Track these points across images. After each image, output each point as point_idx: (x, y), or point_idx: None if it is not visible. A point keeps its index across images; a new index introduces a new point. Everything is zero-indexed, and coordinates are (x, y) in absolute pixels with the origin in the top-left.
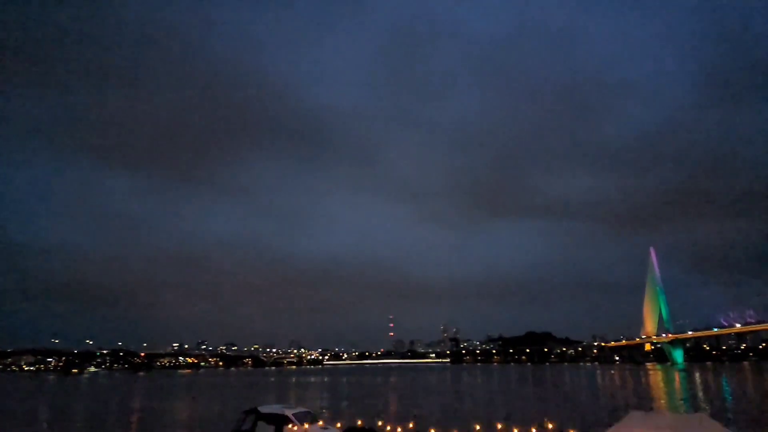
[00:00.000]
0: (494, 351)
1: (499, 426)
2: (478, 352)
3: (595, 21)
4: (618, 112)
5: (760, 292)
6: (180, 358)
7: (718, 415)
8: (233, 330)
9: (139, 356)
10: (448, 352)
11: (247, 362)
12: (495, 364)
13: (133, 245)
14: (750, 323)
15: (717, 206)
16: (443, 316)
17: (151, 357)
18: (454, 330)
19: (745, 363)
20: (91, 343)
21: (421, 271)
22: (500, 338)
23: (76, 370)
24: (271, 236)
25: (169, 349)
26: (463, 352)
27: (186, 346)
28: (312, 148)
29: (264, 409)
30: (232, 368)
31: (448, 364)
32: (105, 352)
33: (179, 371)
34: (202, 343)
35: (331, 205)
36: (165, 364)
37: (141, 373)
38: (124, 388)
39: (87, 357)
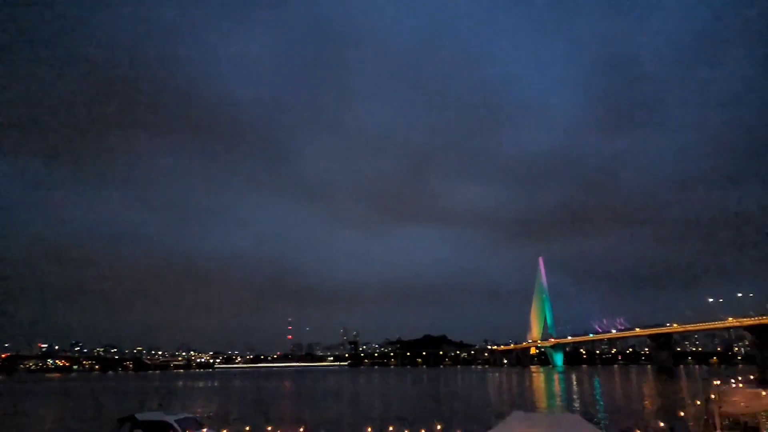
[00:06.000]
0: (392, 354)
1: (391, 428)
2: (376, 355)
3: (502, 42)
4: (517, 130)
5: (632, 302)
6: (49, 360)
7: (589, 414)
8: (113, 331)
9: None
10: (347, 355)
11: (128, 365)
12: (392, 367)
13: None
14: (621, 330)
15: (599, 222)
16: (344, 319)
17: (14, 359)
18: (354, 333)
19: (615, 366)
20: None
21: (324, 274)
22: (399, 341)
23: None
24: (165, 231)
25: (35, 351)
26: (362, 355)
27: (57, 347)
28: (218, 143)
29: (142, 417)
30: (110, 372)
31: (346, 367)
32: None
33: (47, 375)
34: (76, 345)
35: (234, 202)
36: (30, 366)
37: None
38: None
39: None
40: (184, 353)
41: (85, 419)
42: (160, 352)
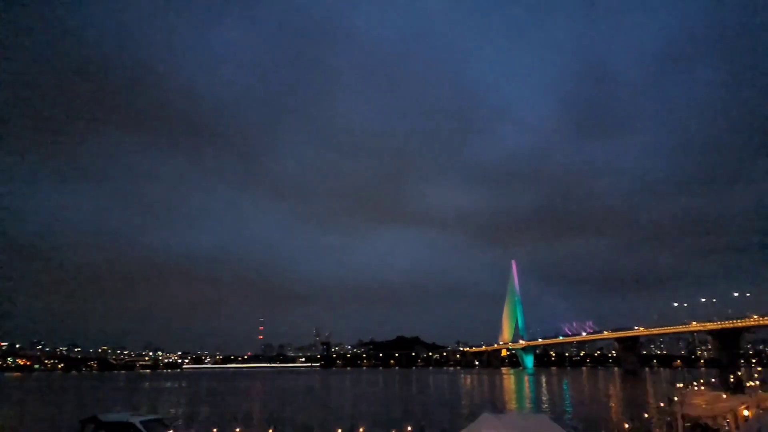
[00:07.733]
0: (365, 355)
1: (362, 429)
2: (349, 356)
3: (480, 47)
4: (493, 134)
5: (601, 305)
6: (9, 359)
7: (557, 415)
8: (77, 329)
9: None
10: (319, 356)
11: (92, 365)
12: (364, 368)
13: None
14: (589, 333)
15: (572, 226)
16: (316, 319)
17: None
18: (327, 334)
19: (584, 368)
20: None
21: (297, 274)
22: (372, 342)
23: None
24: (134, 229)
25: None
26: (335, 356)
27: (18, 346)
28: (191, 140)
29: (105, 417)
30: (73, 371)
31: (318, 368)
32: None
33: (7, 374)
34: (38, 343)
35: (206, 199)
36: None
37: None
38: None
39: None
40: (151, 353)
41: (45, 420)
42: (126, 352)
